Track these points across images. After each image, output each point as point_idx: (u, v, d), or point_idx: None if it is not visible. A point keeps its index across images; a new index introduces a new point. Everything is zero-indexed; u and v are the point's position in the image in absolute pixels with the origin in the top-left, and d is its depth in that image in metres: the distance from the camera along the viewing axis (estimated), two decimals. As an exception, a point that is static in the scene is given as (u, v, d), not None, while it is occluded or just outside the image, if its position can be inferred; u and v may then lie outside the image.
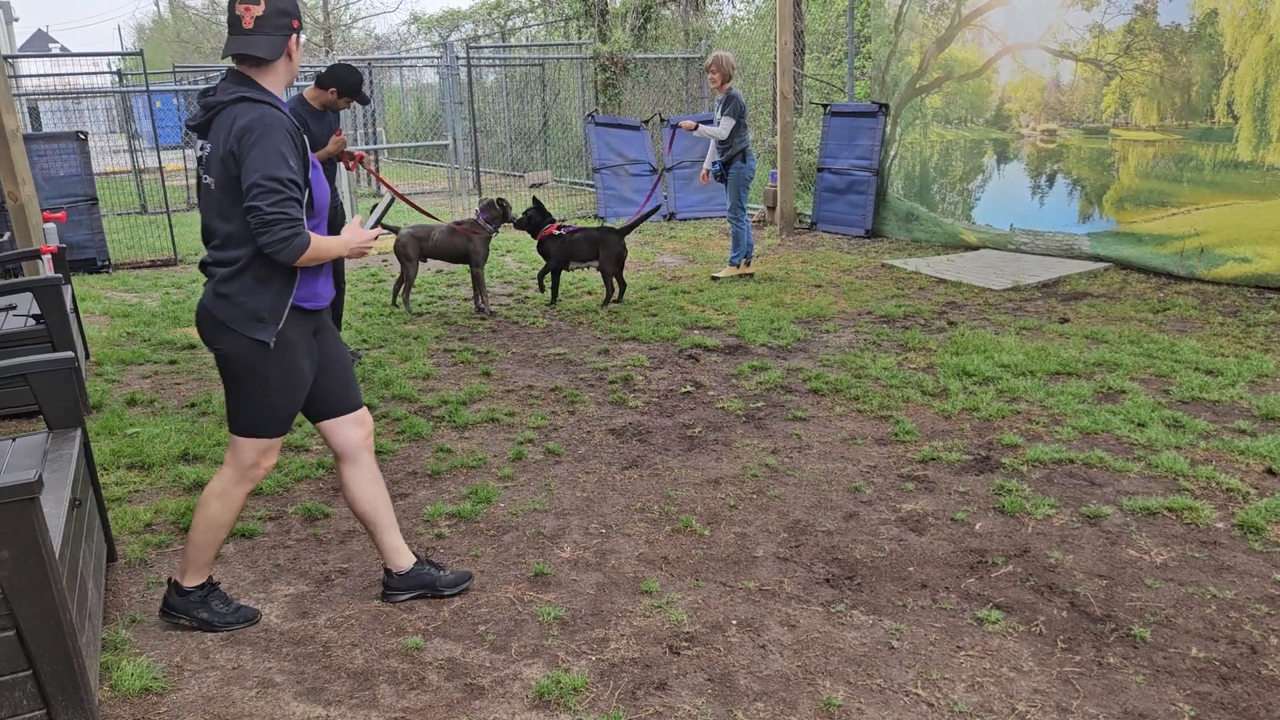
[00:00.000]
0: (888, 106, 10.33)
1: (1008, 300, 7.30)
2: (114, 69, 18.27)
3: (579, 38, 17.14)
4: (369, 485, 3.13)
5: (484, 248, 7.35)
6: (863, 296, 7.56)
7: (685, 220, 12.21)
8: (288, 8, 2.78)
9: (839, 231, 10.72)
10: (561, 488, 4.16)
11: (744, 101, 8.13)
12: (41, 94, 19.78)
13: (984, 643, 2.92)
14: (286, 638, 3.06)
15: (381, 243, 9.89)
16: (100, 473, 4.25)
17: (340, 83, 5.64)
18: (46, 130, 18.09)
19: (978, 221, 9.54)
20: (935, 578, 3.31)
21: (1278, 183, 7.15)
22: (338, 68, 5.62)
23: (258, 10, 2.72)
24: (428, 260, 7.63)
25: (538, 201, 7.61)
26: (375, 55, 22.24)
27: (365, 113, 17.13)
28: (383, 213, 3.17)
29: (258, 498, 4.11)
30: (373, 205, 3.26)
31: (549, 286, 7.73)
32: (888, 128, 10.36)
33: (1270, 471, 4.01)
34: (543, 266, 7.70)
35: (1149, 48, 7.98)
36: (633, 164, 12.44)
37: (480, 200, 8.55)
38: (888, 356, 5.85)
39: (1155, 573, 3.28)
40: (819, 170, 11.06)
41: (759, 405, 5.11)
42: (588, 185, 14.36)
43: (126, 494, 4.16)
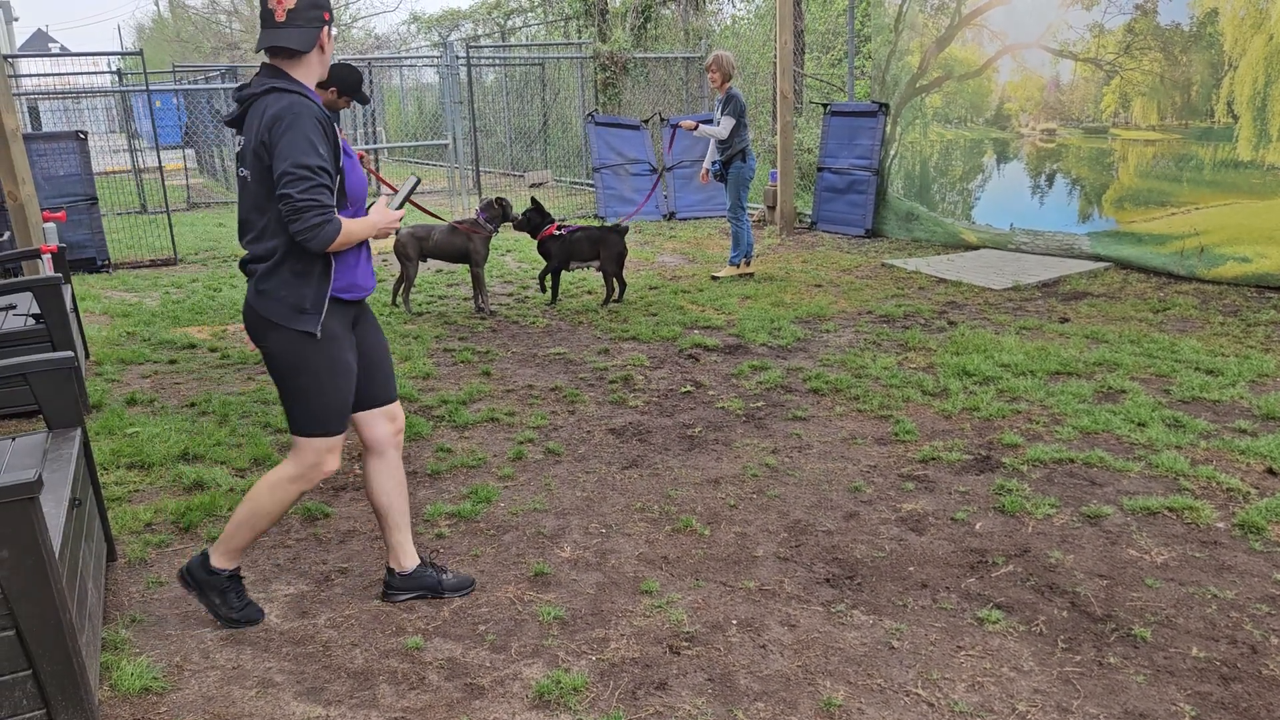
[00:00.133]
0: (888, 106, 10.33)
1: (1008, 300, 7.30)
2: (114, 68, 18.27)
3: (579, 37, 17.14)
4: (390, 481, 3.14)
5: (484, 247, 7.35)
6: (863, 296, 7.56)
7: (685, 220, 12.21)
8: (319, 0, 2.80)
9: (839, 231, 10.72)
10: (561, 487, 4.16)
11: (744, 101, 8.13)
12: (41, 93, 19.78)
13: (984, 642, 2.92)
14: (286, 637, 3.06)
15: (383, 243, 9.89)
16: (100, 472, 4.25)
17: (340, 82, 5.64)
18: (46, 130, 18.09)
19: (978, 221, 9.54)
20: (935, 577, 3.31)
21: (1278, 182, 7.14)
22: (337, 67, 5.62)
23: (289, 3, 2.74)
24: (428, 260, 7.63)
25: (536, 202, 7.60)
26: (375, 55, 22.24)
27: (365, 112, 17.14)
28: (408, 194, 3.16)
29: (258, 497, 4.11)
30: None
31: (549, 286, 7.73)
32: (888, 127, 10.36)
33: (1271, 471, 4.00)
34: (544, 267, 7.69)
35: (1149, 47, 7.98)
36: (633, 163, 12.43)
37: (480, 200, 8.55)
38: (888, 356, 5.85)
39: (1156, 572, 3.28)
40: (819, 170, 11.06)
41: (759, 405, 5.11)
42: (588, 185, 14.36)
43: (126, 493, 4.15)
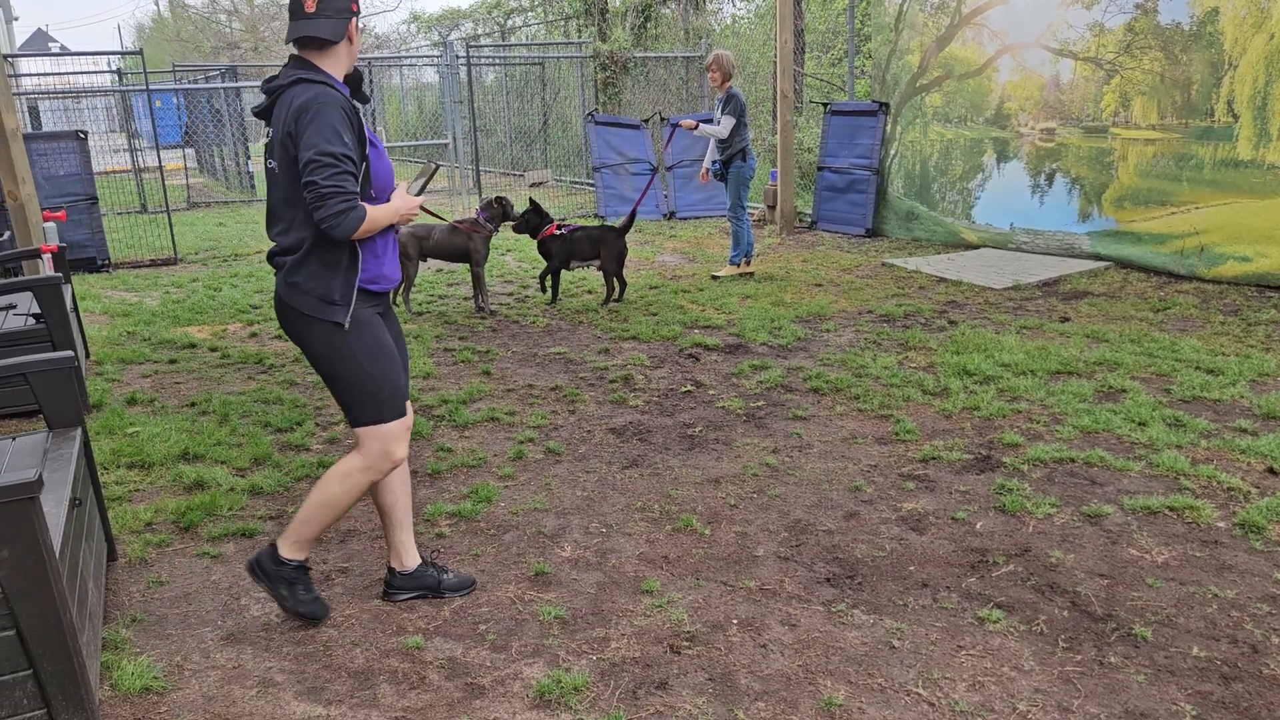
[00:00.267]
0: (888, 105, 10.33)
1: (1008, 299, 7.30)
2: (114, 68, 18.25)
3: (579, 36, 17.13)
4: (395, 480, 3.14)
5: (484, 246, 7.35)
6: (863, 295, 7.56)
7: (685, 219, 12.21)
8: None
9: (839, 230, 10.72)
10: (562, 487, 4.16)
11: (744, 100, 8.12)
12: (41, 93, 19.77)
13: (985, 642, 2.92)
14: (287, 637, 3.06)
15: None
16: (100, 472, 4.25)
17: (340, 81, 5.63)
18: (46, 129, 18.09)
19: (978, 220, 9.54)
20: (936, 577, 3.31)
21: (1278, 181, 7.14)
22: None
23: None
24: (428, 259, 7.63)
25: (534, 203, 7.59)
26: (375, 54, 22.24)
27: (365, 112, 17.12)
28: (426, 181, 3.16)
29: (258, 496, 4.11)
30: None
31: (549, 286, 7.72)
32: (888, 126, 10.36)
33: (1271, 471, 4.00)
34: (545, 267, 7.68)
35: (1149, 46, 7.98)
36: (633, 163, 12.43)
37: (480, 200, 8.54)
38: (888, 355, 5.85)
39: (1156, 572, 3.28)
40: (819, 169, 11.05)
41: (759, 404, 5.11)
42: (588, 184, 14.35)
43: (127, 493, 4.15)
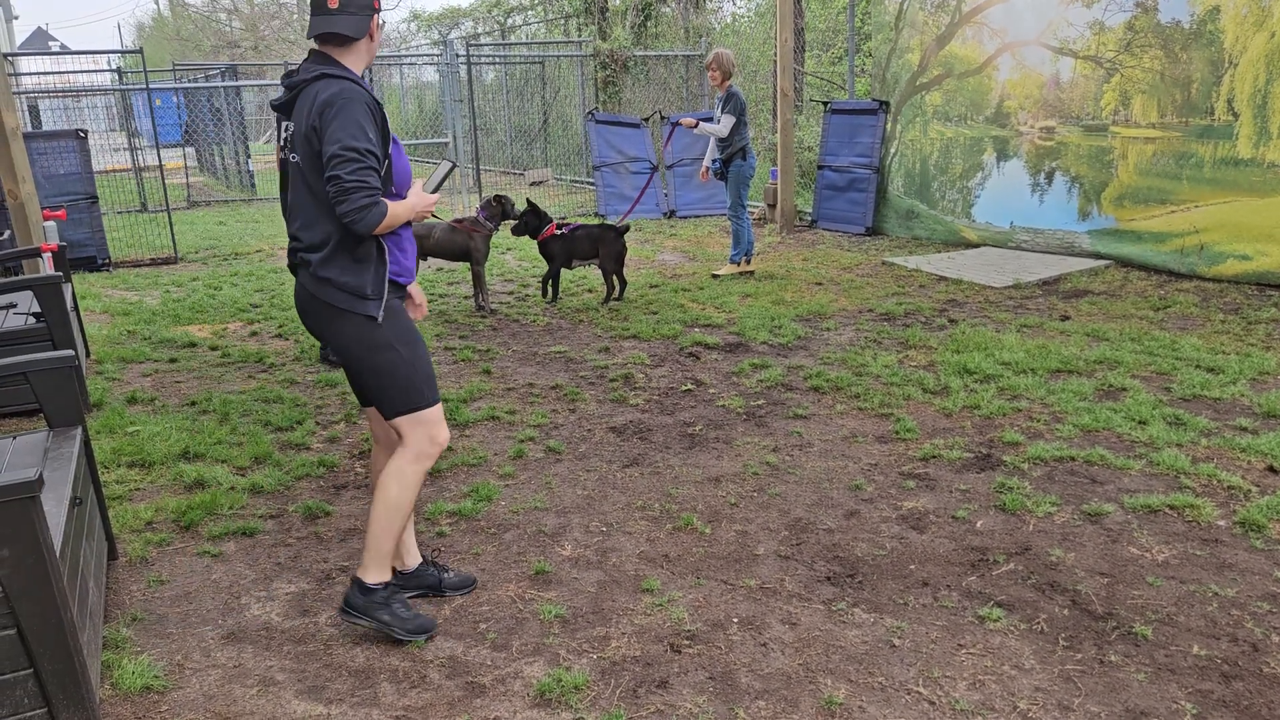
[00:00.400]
0: (888, 104, 10.32)
1: (1008, 298, 7.30)
2: (114, 67, 18.25)
3: (579, 35, 17.13)
4: None
5: (484, 245, 7.35)
6: (863, 294, 7.56)
7: (685, 218, 12.21)
8: None
9: (839, 229, 10.72)
10: (562, 486, 4.16)
11: (744, 99, 8.12)
12: (41, 92, 19.77)
13: (985, 640, 2.92)
14: (287, 636, 3.06)
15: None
16: (101, 471, 4.25)
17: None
18: (46, 128, 18.08)
19: (978, 219, 9.54)
20: (936, 575, 3.31)
21: (1278, 180, 7.14)
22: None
23: None
24: (428, 259, 7.63)
25: (532, 203, 7.56)
26: (375, 53, 22.17)
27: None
28: (442, 178, 3.16)
29: (259, 495, 4.11)
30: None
31: (550, 292, 7.69)
32: (888, 125, 10.36)
33: (1271, 469, 4.00)
34: (547, 269, 7.64)
35: (1149, 44, 7.97)
36: (633, 161, 12.43)
37: (480, 198, 8.53)
38: (888, 354, 5.85)
39: (1157, 570, 3.28)
40: (819, 168, 11.05)
41: (760, 403, 5.11)
42: (588, 183, 14.35)
43: (127, 492, 4.15)
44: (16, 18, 46.68)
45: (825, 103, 11.35)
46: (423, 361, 2.94)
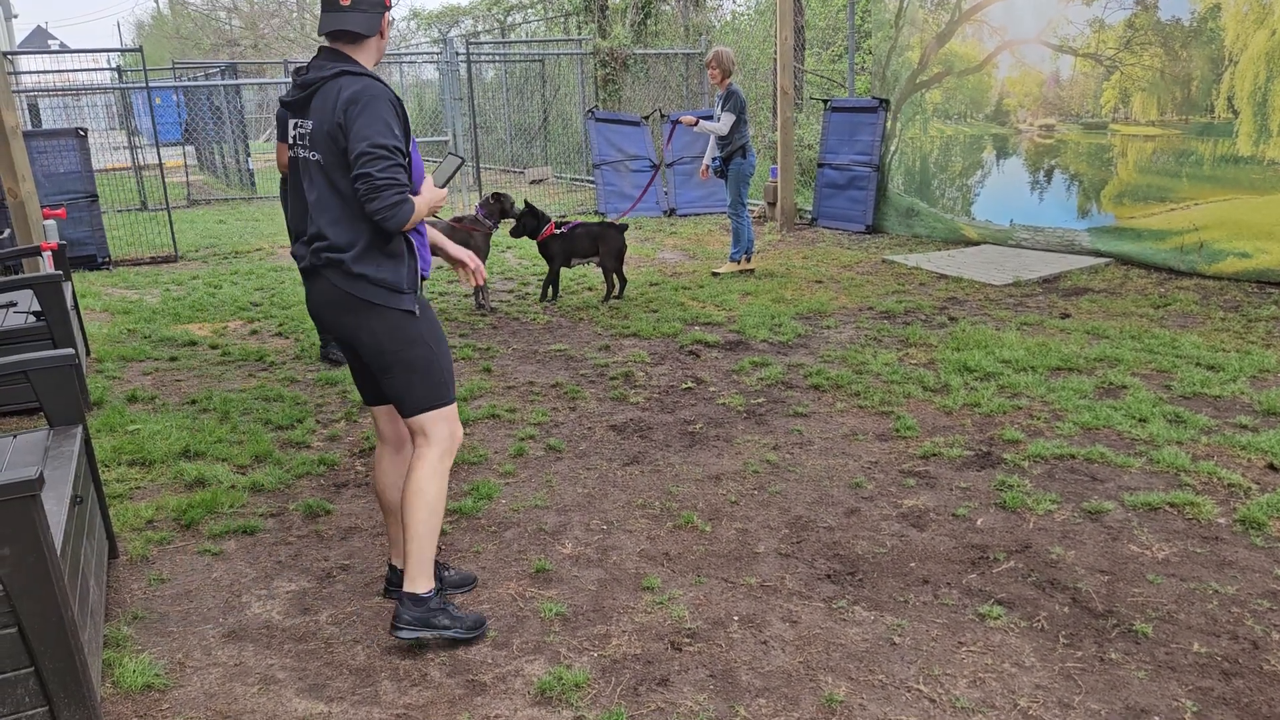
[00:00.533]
0: (888, 102, 10.32)
1: (1008, 296, 7.30)
2: (113, 65, 18.25)
3: (579, 33, 17.12)
4: (399, 476, 3.14)
5: (484, 244, 7.34)
6: (863, 292, 7.56)
7: (685, 216, 12.21)
8: None
9: (839, 227, 10.72)
10: (563, 484, 4.16)
11: (744, 97, 8.12)
12: (41, 90, 19.74)
13: (986, 638, 2.92)
14: (288, 634, 3.07)
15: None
16: (101, 469, 4.25)
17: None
18: (46, 127, 18.07)
19: (978, 217, 9.54)
20: (937, 573, 3.31)
21: (1278, 177, 7.14)
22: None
23: None
24: (428, 257, 7.61)
25: (530, 204, 7.53)
26: (375, 51, 22.14)
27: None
28: (451, 174, 3.17)
29: (259, 494, 4.11)
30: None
31: (551, 295, 7.67)
32: (888, 123, 10.35)
33: (1272, 467, 4.01)
34: (549, 270, 7.62)
35: (1149, 42, 7.97)
36: (633, 159, 12.43)
37: (480, 197, 8.52)
38: (889, 352, 5.85)
39: (1157, 568, 3.28)
40: (819, 166, 11.05)
41: (760, 401, 5.11)
42: (588, 181, 14.35)
43: (128, 491, 4.16)
44: (16, 16, 46.65)
45: (825, 101, 11.35)
46: (448, 358, 2.96)
